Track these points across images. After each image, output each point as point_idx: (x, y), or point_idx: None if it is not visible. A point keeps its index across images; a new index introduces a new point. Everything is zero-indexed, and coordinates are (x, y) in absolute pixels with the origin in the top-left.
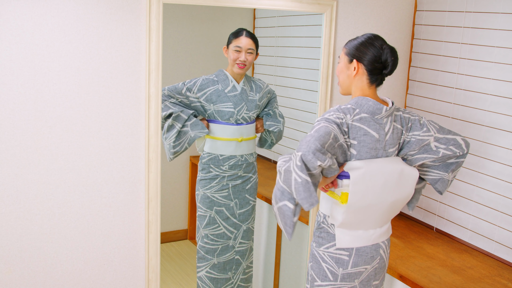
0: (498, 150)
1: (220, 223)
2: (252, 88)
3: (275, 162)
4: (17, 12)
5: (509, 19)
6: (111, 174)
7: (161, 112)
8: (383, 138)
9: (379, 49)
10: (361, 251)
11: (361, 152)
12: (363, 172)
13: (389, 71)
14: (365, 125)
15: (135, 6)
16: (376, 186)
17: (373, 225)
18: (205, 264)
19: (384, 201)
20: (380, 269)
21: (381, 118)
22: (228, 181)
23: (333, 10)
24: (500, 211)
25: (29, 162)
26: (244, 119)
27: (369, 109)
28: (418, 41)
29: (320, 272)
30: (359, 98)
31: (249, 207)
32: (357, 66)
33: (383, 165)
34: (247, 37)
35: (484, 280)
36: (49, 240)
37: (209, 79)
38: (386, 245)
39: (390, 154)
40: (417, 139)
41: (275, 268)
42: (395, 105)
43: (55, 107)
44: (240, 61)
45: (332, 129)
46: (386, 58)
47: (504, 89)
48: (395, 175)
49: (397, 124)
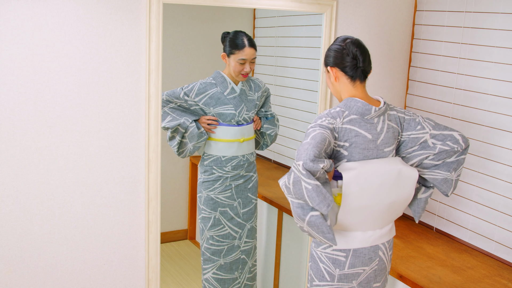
0: (498, 150)
1: (225, 223)
2: (251, 87)
3: (275, 162)
4: (17, 12)
5: (509, 19)
6: (111, 174)
7: (161, 120)
8: (377, 138)
9: (342, 46)
10: (358, 252)
11: (353, 153)
12: (356, 173)
13: (362, 61)
14: (355, 126)
15: (135, 6)
16: (372, 187)
17: (371, 227)
18: (212, 266)
19: (381, 202)
20: (380, 271)
21: (371, 118)
22: (231, 181)
23: (333, 10)
24: (500, 211)
25: (29, 162)
26: (245, 120)
27: (358, 110)
28: (418, 41)
29: (317, 272)
30: (347, 100)
31: (252, 206)
32: (333, 71)
33: (379, 166)
34: (250, 47)
35: (484, 280)
36: (49, 240)
37: (207, 82)
38: (387, 247)
39: (387, 153)
40: (410, 138)
41: (275, 268)
42: (389, 104)
43: (55, 107)
44: (245, 72)
45: (327, 136)
46: (351, 50)
47: (504, 89)
48: (393, 175)
49: (392, 123)
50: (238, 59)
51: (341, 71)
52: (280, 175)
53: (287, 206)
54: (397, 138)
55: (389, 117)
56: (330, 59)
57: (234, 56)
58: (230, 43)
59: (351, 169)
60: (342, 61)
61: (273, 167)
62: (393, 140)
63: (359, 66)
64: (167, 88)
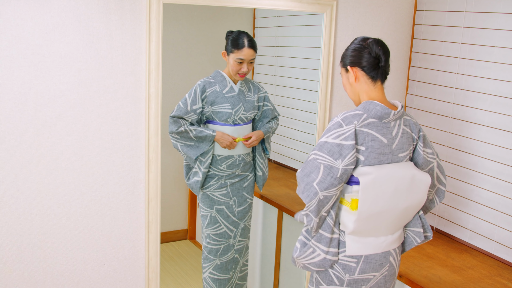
0: (498, 150)
1: (221, 222)
2: (250, 88)
3: (275, 162)
4: (17, 12)
5: (509, 19)
6: (111, 174)
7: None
8: (392, 143)
9: (364, 46)
10: (370, 258)
11: (369, 158)
12: (372, 178)
13: (384, 61)
14: (373, 130)
15: (135, 6)
16: (387, 192)
17: (384, 232)
18: (209, 265)
19: (395, 207)
20: (390, 276)
21: (388, 121)
22: (226, 179)
23: (333, 10)
24: (500, 211)
25: (29, 162)
26: (241, 120)
27: (376, 113)
28: (418, 41)
29: (326, 277)
30: (366, 103)
31: (247, 205)
32: (353, 71)
33: (394, 171)
34: (249, 48)
35: (484, 280)
36: (49, 240)
37: (206, 81)
38: (397, 252)
39: (401, 159)
40: (425, 158)
41: (275, 268)
42: (403, 110)
43: (55, 107)
44: (243, 72)
45: (321, 162)
46: (374, 50)
47: (504, 89)
48: (407, 180)
49: (407, 128)
50: (237, 58)
51: (362, 71)
52: (280, 175)
53: (287, 206)
54: (412, 144)
55: (405, 122)
56: (349, 58)
57: (233, 55)
58: (231, 41)
59: (368, 173)
60: (363, 60)
61: (273, 167)
62: (407, 146)
63: (381, 65)
64: (167, 87)
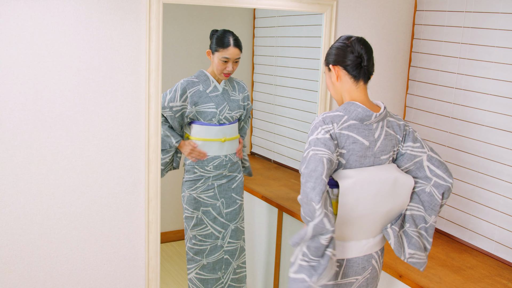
0: (498, 150)
1: (208, 223)
2: (235, 87)
3: (275, 162)
4: (17, 12)
5: (509, 19)
6: (111, 174)
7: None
8: (374, 145)
9: (347, 44)
10: (352, 262)
11: (350, 161)
12: (353, 182)
13: (367, 60)
14: (353, 133)
15: (135, 6)
16: (368, 196)
17: (365, 235)
18: (195, 266)
19: (377, 211)
20: (372, 279)
21: (370, 123)
22: (213, 181)
23: (333, 10)
24: (500, 211)
25: (29, 162)
26: (227, 119)
27: (357, 115)
28: (418, 41)
29: None
30: (348, 104)
31: (236, 206)
32: (335, 70)
33: (375, 174)
34: (235, 47)
35: (484, 280)
36: (49, 240)
37: (189, 80)
38: (379, 255)
39: (384, 161)
40: (408, 153)
41: (275, 268)
42: (387, 110)
43: (55, 107)
44: (227, 71)
45: (322, 155)
46: (356, 49)
47: (504, 89)
48: (389, 183)
49: (390, 130)
50: (222, 57)
51: (344, 70)
52: (280, 175)
53: (287, 206)
54: (395, 147)
55: (388, 124)
56: (332, 57)
57: (218, 54)
58: (216, 40)
59: (348, 177)
60: (346, 59)
61: (273, 167)
62: (390, 148)
63: (364, 65)
64: (167, 87)
